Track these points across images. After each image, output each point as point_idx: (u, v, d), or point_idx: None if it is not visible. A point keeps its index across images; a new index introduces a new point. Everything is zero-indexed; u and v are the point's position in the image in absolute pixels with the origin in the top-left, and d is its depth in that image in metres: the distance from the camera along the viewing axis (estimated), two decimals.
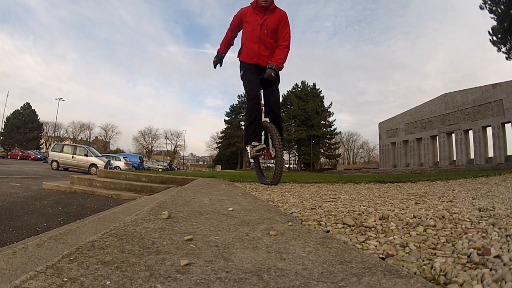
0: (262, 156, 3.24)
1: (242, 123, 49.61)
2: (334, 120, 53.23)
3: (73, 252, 0.65)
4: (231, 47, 3.49)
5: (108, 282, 0.52)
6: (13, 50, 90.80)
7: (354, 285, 0.55)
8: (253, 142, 3.19)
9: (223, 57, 3.49)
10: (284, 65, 3.17)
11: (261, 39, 3.13)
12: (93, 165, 15.01)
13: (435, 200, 2.17)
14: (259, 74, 3.14)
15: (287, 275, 0.59)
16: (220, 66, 3.53)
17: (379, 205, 1.84)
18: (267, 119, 3.20)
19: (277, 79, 3.13)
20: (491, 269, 0.69)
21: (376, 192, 2.86)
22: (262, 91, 3.24)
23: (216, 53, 3.48)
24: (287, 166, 54.11)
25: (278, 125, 3.22)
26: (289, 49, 3.16)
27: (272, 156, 3.17)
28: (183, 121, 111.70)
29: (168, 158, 65.07)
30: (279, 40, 3.15)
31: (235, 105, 59.30)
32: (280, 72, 3.19)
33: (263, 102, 3.24)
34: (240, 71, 3.33)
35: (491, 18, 18.14)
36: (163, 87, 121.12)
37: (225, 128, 59.70)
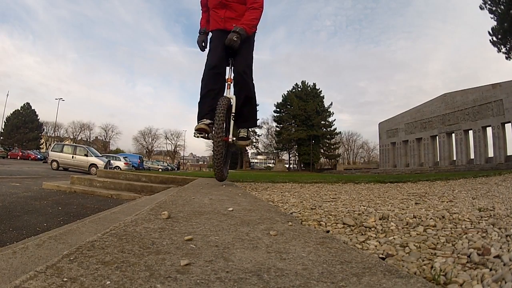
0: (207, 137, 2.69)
1: None
2: (334, 120, 53.19)
3: (73, 252, 0.65)
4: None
5: (108, 282, 0.52)
6: (13, 50, 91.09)
7: (354, 285, 0.55)
8: (203, 121, 2.68)
9: (206, 32, 3.08)
10: (255, 27, 2.82)
11: (224, 4, 2.84)
12: (93, 165, 15.01)
13: (435, 200, 2.17)
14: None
15: (287, 275, 0.59)
16: (205, 45, 3.06)
17: (379, 205, 1.85)
18: (232, 96, 2.75)
19: (246, 44, 2.76)
20: (491, 269, 0.69)
21: (376, 192, 2.86)
22: (232, 61, 2.82)
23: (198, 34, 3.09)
24: (287, 166, 54.08)
25: (247, 98, 2.80)
26: (261, 10, 2.81)
27: (230, 141, 2.65)
28: (183, 121, 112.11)
29: (168, 158, 65.03)
30: (247, 2, 2.82)
31: None
32: (251, 37, 2.81)
33: (232, 76, 2.80)
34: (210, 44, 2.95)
35: (491, 18, 18.17)
36: (163, 87, 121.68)
37: None
